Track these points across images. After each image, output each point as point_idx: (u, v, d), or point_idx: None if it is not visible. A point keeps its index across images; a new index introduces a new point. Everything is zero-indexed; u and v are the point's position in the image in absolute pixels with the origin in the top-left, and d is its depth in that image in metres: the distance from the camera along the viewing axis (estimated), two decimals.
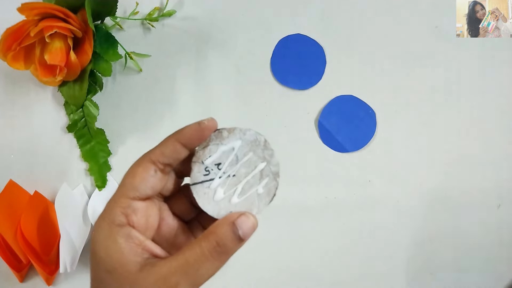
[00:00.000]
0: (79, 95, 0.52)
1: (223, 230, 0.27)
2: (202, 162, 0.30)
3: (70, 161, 0.55)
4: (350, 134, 0.55)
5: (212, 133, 0.30)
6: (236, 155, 0.30)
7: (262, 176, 0.30)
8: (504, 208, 0.54)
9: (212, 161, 0.30)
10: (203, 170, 0.30)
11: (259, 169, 0.30)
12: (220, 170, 0.30)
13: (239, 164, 0.30)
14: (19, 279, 0.53)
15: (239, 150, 0.30)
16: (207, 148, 0.30)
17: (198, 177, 0.30)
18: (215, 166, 0.30)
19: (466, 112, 0.55)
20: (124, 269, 0.26)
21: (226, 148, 0.30)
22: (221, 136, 0.30)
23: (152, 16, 0.55)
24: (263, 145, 0.31)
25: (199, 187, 0.30)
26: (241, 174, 0.30)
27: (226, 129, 0.30)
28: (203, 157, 0.30)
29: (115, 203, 0.28)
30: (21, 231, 0.50)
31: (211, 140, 0.30)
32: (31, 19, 0.48)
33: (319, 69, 0.55)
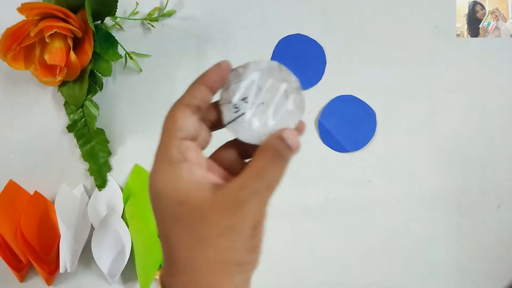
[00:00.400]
0: (79, 95, 0.52)
1: (275, 142, 0.29)
2: (229, 102, 0.32)
3: (70, 161, 0.55)
4: (350, 134, 0.55)
5: (229, 74, 0.32)
6: (257, 85, 0.32)
7: (287, 95, 0.32)
8: (504, 208, 0.54)
9: (238, 98, 0.32)
10: (232, 108, 0.31)
11: (283, 90, 0.32)
12: (247, 103, 0.32)
13: (263, 92, 0.32)
14: (19, 279, 0.53)
15: (259, 80, 0.32)
16: (230, 88, 0.32)
17: (231, 116, 0.31)
18: (242, 101, 0.32)
19: (466, 112, 0.55)
20: (198, 196, 0.28)
21: (246, 82, 0.32)
22: (238, 73, 0.32)
23: (152, 16, 0.55)
24: (278, 69, 0.32)
25: (234, 124, 0.31)
26: (268, 99, 0.32)
27: (241, 67, 0.33)
28: (228, 97, 0.32)
29: (168, 144, 0.29)
30: (21, 231, 0.50)
31: (231, 80, 0.32)
32: (31, 19, 0.48)
33: (319, 69, 0.55)
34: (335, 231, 0.54)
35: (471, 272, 0.53)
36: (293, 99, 0.32)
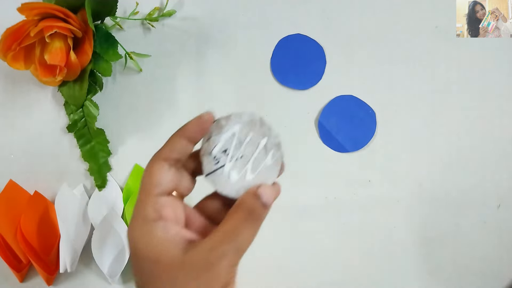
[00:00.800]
0: (79, 95, 0.52)
1: (249, 200, 0.30)
2: (209, 153, 0.32)
3: (70, 161, 0.55)
4: (350, 134, 0.55)
5: (211, 125, 0.32)
6: (238, 138, 0.32)
7: (266, 150, 0.33)
8: (504, 208, 0.54)
9: (219, 150, 0.32)
10: (212, 160, 0.32)
11: (263, 145, 0.33)
12: (228, 155, 0.32)
13: (243, 146, 0.32)
14: (19, 279, 0.53)
15: (240, 133, 0.32)
16: (211, 140, 0.32)
17: (210, 168, 0.32)
18: (223, 153, 0.32)
19: (466, 112, 0.55)
20: (169, 256, 0.28)
21: (227, 135, 0.32)
22: (220, 125, 0.32)
23: (152, 16, 0.55)
24: (259, 123, 0.33)
25: (214, 176, 0.32)
26: (248, 153, 0.32)
27: (223, 118, 0.33)
28: (209, 148, 0.32)
29: (144, 202, 0.30)
30: (21, 231, 0.50)
31: (212, 132, 0.32)
32: (31, 19, 0.48)
33: (319, 69, 0.55)
34: (335, 231, 0.54)
35: (471, 272, 0.53)
36: (272, 155, 0.33)
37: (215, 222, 0.32)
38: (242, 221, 0.29)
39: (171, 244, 0.28)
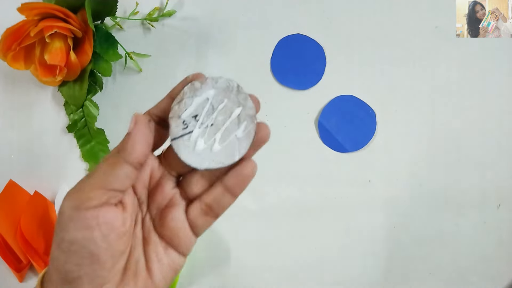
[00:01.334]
0: (79, 95, 0.52)
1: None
2: (179, 117, 0.30)
3: (70, 161, 0.55)
4: (350, 134, 0.55)
5: (185, 87, 0.30)
6: (211, 104, 0.30)
7: (240, 120, 0.30)
8: (504, 208, 0.54)
9: (189, 114, 0.30)
10: (181, 124, 0.30)
11: (236, 114, 0.30)
12: (197, 121, 0.30)
13: (215, 113, 0.30)
14: (19, 279, 0.53)
15: (214, 99, 0.30)
16: (182, 102, 0.30)
17: (177, 132, 0.30)
18: (193, 118, 0.30)
19: (466, 112, 0.55)
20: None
21: (200, 99, 0.30)
22: (194, 88, 0.30)
23: (152, 16, 0.55)
24: (236, 90, 0.30)
25: (180, 141, 0.29)
26: (219, 122, 0.30)
27: (199, 81, 0.30)
28: (179, 111, 0.30)
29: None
30: (21, 231, 0.50)
31: (185, 94, 0.30)
32: (31, 19, 0.48)
33: (319, 69, 0.55)
34: (335, 231, 0.54)
35: (471, 272, 0.53)
36: (245, 127, 0.30)
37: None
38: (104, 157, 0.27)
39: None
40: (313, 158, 0.55)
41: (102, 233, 0.26)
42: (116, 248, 0.27)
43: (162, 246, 0.31)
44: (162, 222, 0.30)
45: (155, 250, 0.30)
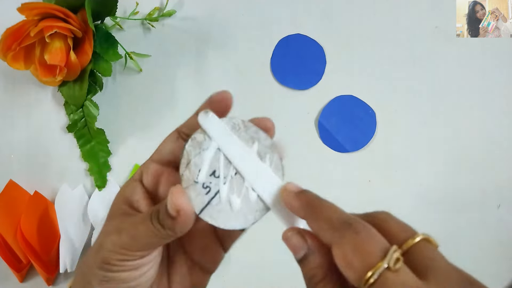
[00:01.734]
0: (79, 95, 0.52)
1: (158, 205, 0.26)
2: (195, 182, 0.25)
3: (70, 161, 0.55)
4: (350, 134, 0.55)
5: (186, 145, 0.26)
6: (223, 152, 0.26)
7: (261, 156, 0.26)
8: (504, 208, 0.54)
9: (206, 173, 0.25)
10: (202, 189, 0.25)
11: (255, 152, 0.26)
12: (219, 177, 0.25)
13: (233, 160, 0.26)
14: (19, 279, 0.53)
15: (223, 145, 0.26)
16: (191, 163, 0.25)
17: (202, 200, 0.25)
18: (211, 176, 0.25)
19: (466, 112, 0.55)
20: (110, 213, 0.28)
21: (210, 152, 0.26)
22: (197, 142, 0.26)
23: (152, 16, 0.55)
24: (243, 127, 0.26)
25: (209, 209, 0.25)
26: (242, 167, 0.26)
27: (197, 132, 0.26)
28: (193, 175, 0.25)
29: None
30: (21, 231, 0.50)
31: (190, 154, 0.25)
32: (31, 19, 0.48)
33: (319, 69, 0.55)
34: None
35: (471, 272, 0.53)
36: (270, 160, 0.27)
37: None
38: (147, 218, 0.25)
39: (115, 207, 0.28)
40: (313, 158, 0.55)
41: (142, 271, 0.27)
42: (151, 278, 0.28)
43: (187, 266, 0.30)
44: (190, 240, 0.30)
45: (180, 271, 0.30)
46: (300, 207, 0.25)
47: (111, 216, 0.28)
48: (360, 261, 0.20)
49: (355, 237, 0.21)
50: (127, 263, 0.26)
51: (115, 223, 0.27)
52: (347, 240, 0.21)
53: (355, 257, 0.20)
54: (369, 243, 0.21)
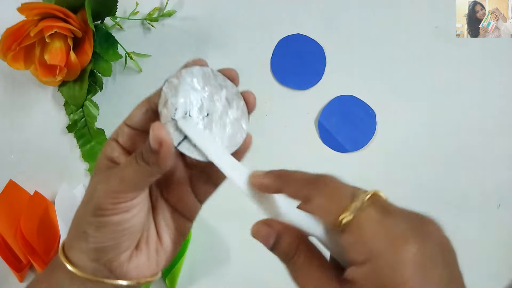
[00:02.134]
0: (79, 95, 0.52)
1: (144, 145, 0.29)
2: (172, 119, 0.29)
3: (70, 161, 0.55)
4: (350, 134, 0.55)
5: (163, 87, 0.29)
6: (197, 95, 0.30)
7: (229, 102, 0.30)
8: (504, 208, 0.54)
9: (181, 113, 0.29)
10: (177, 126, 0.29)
11: (224, 97, 0.30)
12: (192, 117, 0.29)
13: (204, 103, 0.30)
14: (19, 279, 0.53)
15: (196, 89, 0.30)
16: (168, 103, 0.29)
17: (179, 135, 0.29)
18: (185, 115, 0.29)
19: (466, 112, 0.55)
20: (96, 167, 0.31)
21: (184, 93, 0.29)
22: (173, 85, 0.29)
23: (152, 16, 0.55)
24: (213, 75, 0.30)
25: (186, 144, 0.29)
26: (211, 110, 0.30)
27: (173, 76, 0.30)
28: (169, 114, 0.29)
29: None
30: (21, 231, 0.50)
31: (167, 94, 0.29)
32: (31, 19, 0.48)
33: (319, 69, 0.55)
34: None
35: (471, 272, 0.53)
36: (237, 105, 0.30)
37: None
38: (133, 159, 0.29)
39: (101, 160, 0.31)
40: (313, 158, 0.55)
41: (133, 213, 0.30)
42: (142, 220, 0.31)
43: (169, 211, 0.33)
44: (168, 189, 0.33)
45: (163, 216, 0.33)
46: (270, 182, 0.28)
47: (96, 171, 0.31)
48: (335, 206, 0.23)
49: (326, 187, 0.25)
50: (118, 205, 0.28)
51: (102, 175, 0.30)
52: (320, 191, 0.25)
53: (329, 203, 0.24)
54: (339, 190, 0.24)
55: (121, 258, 0.30)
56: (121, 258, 0.30)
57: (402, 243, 0.22)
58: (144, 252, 0.32)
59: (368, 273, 0.22)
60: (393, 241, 0.22)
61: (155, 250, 0.32)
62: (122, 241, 0.30)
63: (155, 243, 0.32)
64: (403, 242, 0.22)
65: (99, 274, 0.30)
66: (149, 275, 0.32)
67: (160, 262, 0.32)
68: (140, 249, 0.32)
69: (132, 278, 0.31)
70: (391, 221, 0.24)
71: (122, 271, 0.30)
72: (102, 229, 0.29)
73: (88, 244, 0.29)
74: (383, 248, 0.22)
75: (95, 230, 0.29)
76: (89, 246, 0.29)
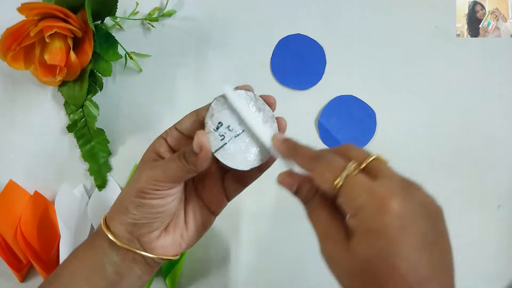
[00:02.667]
0: (79, 95, 0.52)
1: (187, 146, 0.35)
2: (214, 130, 0.35)
3: (70, 161, 0.55)
4: (350, 134, 0.55)
5: (212, 103, 0.35)
6: (238, 114, 0.35)
7: (264, 122, 0.36)
8: (504, 208, 0.54)
9: (223, 126, 0.35)
10: (218, 137, 0.34)
11: (260, 118, 0.36)
12: (231, 131, 0.35)
13: (244, 121, 0.35)
14: (19, 279, 0.53)
15: (239, 108, 0.35)
16: (214, 117, 0.35)
17: (217, 144, 0.34)
18: (226, 129, 0.35)
19: (466, 112, 0.55)
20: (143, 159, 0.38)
21: (228, 111, 0.35)
22: (220, 103, 0.35)
23: (152, 16, 0.55)
24: (255, 99, 0.36)
25: (222, 151, 0.34)
26: (249, 127, 0.35)
27: (222, 96, 0.36)
28: (213, 125, 0.35)
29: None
30: (21, 231, 0.50)
31: (214, 109, 0.35)
32: (31, 19, 0.48)
33: (319, 69, 0.55)
34: None
35: (471, 272, 0.53)
36: (270, 125, 0.36)
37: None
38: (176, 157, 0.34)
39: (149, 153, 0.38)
40: None
41: (168, 200, 0.35)
42: (174, 208, 0.37)
43: (199, 205, 0.39)
44: (203, 186, 0.39)
45: (193, 208, 0.39)
46: (285, 150, 0.34)
47: (144, 161, 0.37)
48: (330, 174, 0.30)
49: (324, 162, 0.31)
50: (157, 192, 0.34)
51: (148, 164, 0.36)
52: (320, 165, 0.31)
53: (326, 173, 0.30)
54: (334, 163, 0.31)
55: (151, 235, 0.36)
56: (151, 235, 0.36)
57: (385, 198, 0.28)
58: (171, 234, 0.37)
59: (357, 223, 0.28)
60: (377, 198, 0.28)
61: (180, 235, 0.38)
62: (154, 222, 0.36)
63: (181, 229, 0.38)
64: (387, 198, 0.28)
65: (132, 245, 0.36)
66: (171, 254, 0.37)
67: (182, 245, 0.38)
68: (168, 231, 0.37)
69: (157, 254, 0.37)
70: (378, 182, 0.29)
71: (150, 246, 0.36)
72: (140, 208, 0.35)
73: (127, 219, 0.35)
74: (368, 203, 0.28)
75: (134, 208, 0.35)
76: (128, 220, 0.35)
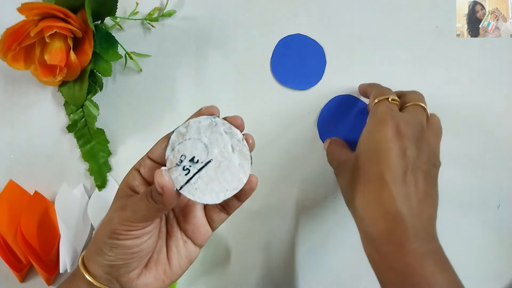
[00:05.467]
0: (79, 95, 0.52)
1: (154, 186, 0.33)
2: (177, 165, 0.32)
3: (70, 161, 0.55)
4: (350, 134, 0.55)
5: (171, 135, 0.33)
6: (203, 142, 0.33)
7: (233, 148, 0.33)
8: (504, 208, 0.54)
9: (186, 159, 0.32)
10: (182, 171, 0.32)
11: (228, 144, 0.33)
12: (196, 163, 0.32)
13: (209, 150, 0.33)
14: (19, 279, 0.53)
15: (202, 138, 0.33)
16: (175, 150, 0.32)
17: (183, 179, 0.32)
18: (191, 161, 0.32)
19: (466, 112, 0.55)
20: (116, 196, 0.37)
21: (191, 142, 0.33)
22: (181, 134, 0.33)
23: (152, 16, 0.55)
24: (220, 123, 0.34)
25: (189, 187, 0.32)
26: (215, 156, 0.33)
27: (182, 126, 0.33)
28: (175, 159, 0.32)
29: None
30: (21, 231, 0.50)
31: (175, 143, 0.33)
32: (31, 19, 0.48)
33: (319, 69, 0.55)
34: (335, 231, 0.54)
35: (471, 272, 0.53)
36: (239, 152, 0.33)
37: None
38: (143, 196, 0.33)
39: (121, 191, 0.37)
40: (313, 158, 0.55)
41: (143, 239, 0.35)
42: (151, 246, 0.36)
43: (182, 239, 0.38)
44: (185, 219, 0.38)
45: (176, 243, 0.38)
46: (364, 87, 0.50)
47: (117, 197, 0.36)
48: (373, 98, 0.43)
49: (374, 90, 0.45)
50: (130, 232, 0.33)
51: (120, 202, 0.35)
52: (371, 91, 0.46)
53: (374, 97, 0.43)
54: (383, 93, 0.43)
55: (130, 275, 0.35)
56: (130, 275, 0.35)
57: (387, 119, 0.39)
58: (152, 272, 0.37)
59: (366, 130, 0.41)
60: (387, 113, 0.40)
61: (163, 271, 0.37)
62: (131, 262, 0.35)
63: (163, 265, 0.37)
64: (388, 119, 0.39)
65: (111, 285, 0.35)
66: None
67: (165, 281, 0.37)
68: (149, 269, 0.37)
69: None
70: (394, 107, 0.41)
71: (131, 286, 0.36)
72: (115, 250, 0.34)
73: (103, 260, 0.34)
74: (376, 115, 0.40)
75: (109, 250, 0.34)
76: (104, 262, 0.34)
